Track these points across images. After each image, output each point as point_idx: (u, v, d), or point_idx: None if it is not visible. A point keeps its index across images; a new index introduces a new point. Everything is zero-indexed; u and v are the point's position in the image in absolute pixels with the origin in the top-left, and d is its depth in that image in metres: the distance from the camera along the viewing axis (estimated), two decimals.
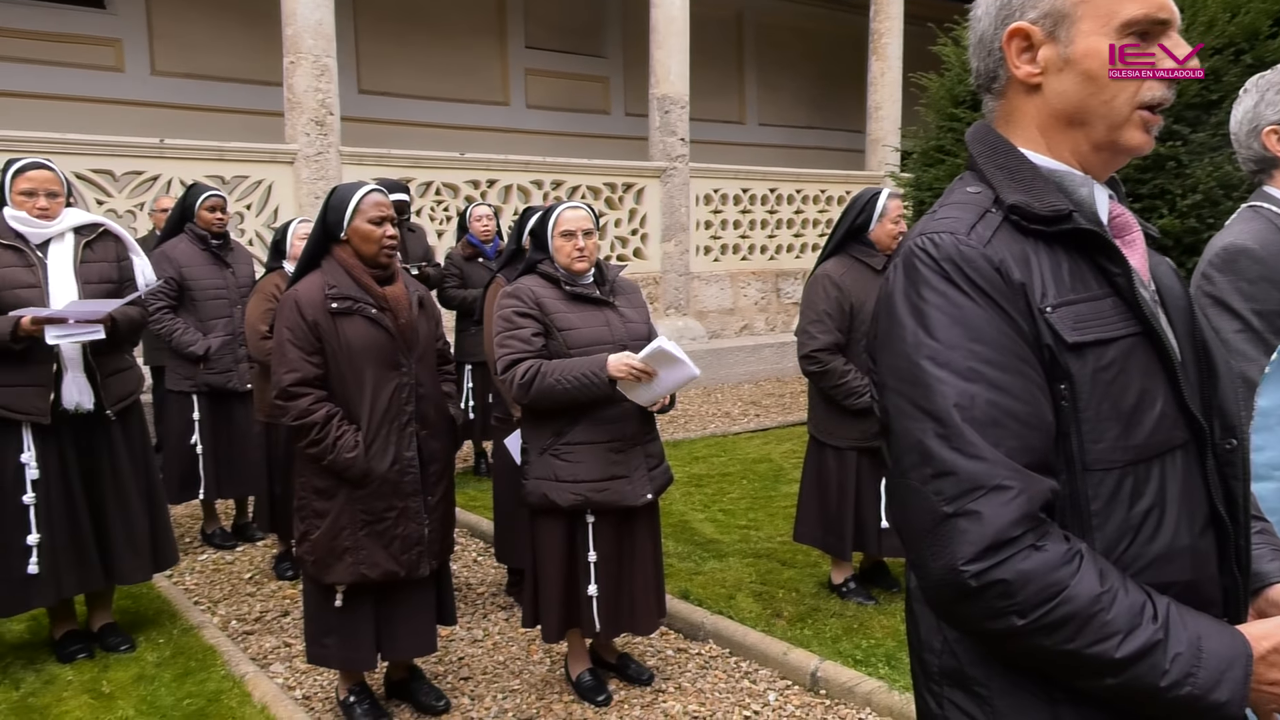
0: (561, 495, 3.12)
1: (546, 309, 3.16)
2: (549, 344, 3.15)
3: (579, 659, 3.43)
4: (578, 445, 3.12)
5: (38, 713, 3.20)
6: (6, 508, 3.34)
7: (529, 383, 3.05)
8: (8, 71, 8.46)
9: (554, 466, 3.13)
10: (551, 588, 3.21)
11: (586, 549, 3.18)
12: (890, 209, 3.87)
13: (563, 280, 3.22)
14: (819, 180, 10.96)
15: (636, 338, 3.26)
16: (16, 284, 3.28)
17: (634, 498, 3.17)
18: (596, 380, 3.02)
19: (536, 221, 3.35)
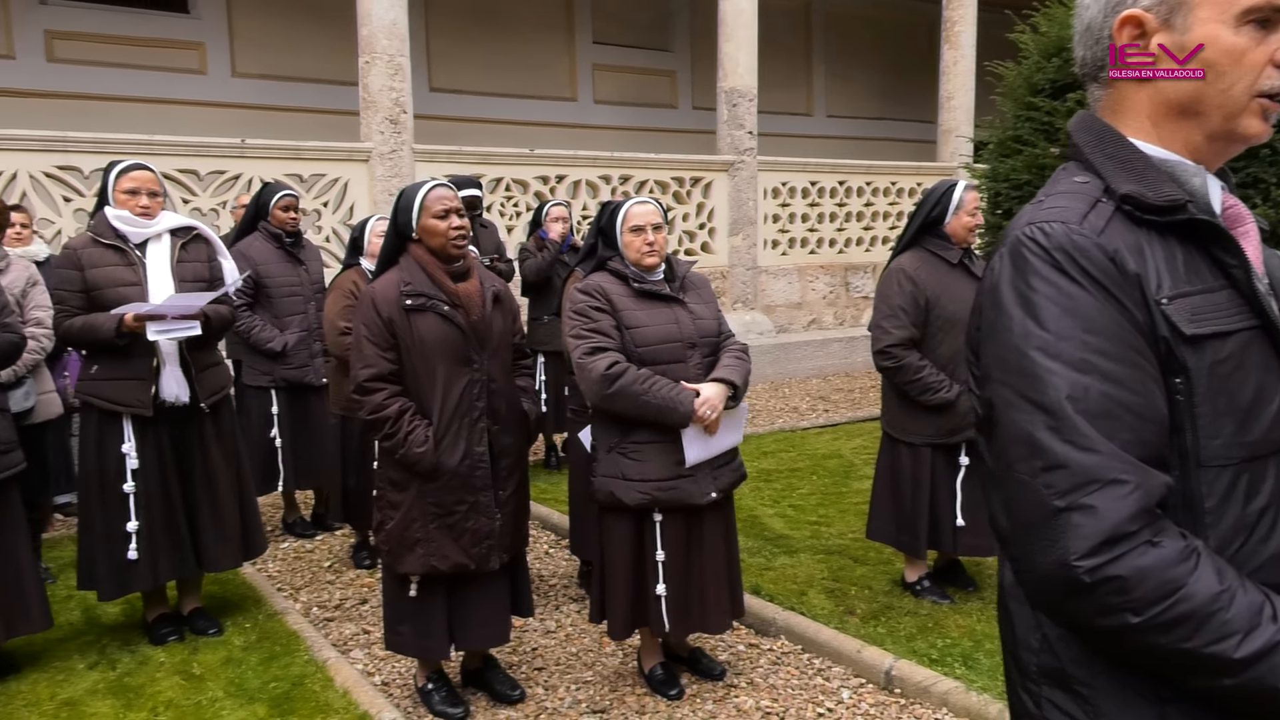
0: (628, 494, 3.11)
1: (615, 305, 3.15)
2: (622, 339, 3.14)
3: (650, 653, 3.44)
4: (645, 444, 3.11)
5: (133, 692, 3.33)
6: (109, 496, 3.49)
7: (614, 377, 3.02)
8: (98, 76, 8.80)
9: (621, 465, 3.13)
10: (619, 585, 3.22)
11: (655, 547, 3.17)
12: (966, 201, 3.79)
13: (631, 277, 3.21)
14: (889, 172, 10.79)
15: (706, 335, 3.24)
16: (119, 282, 3.42)
17: (699, 497, 3.15)
18: (682, 411, 3.02)
19: (605, 218, 3.35)
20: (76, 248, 3.47)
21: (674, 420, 3.03)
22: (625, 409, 3.06)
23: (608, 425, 3.18)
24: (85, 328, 3.39)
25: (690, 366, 3.16)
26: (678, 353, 3.15)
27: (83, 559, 3.61)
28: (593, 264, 4.02)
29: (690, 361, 3.17)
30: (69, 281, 3.43)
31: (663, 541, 3.17)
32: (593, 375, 3.04)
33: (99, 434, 3.51)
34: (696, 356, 3.19)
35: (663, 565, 3.17)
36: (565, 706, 3.32)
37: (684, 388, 3.06)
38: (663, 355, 3.13)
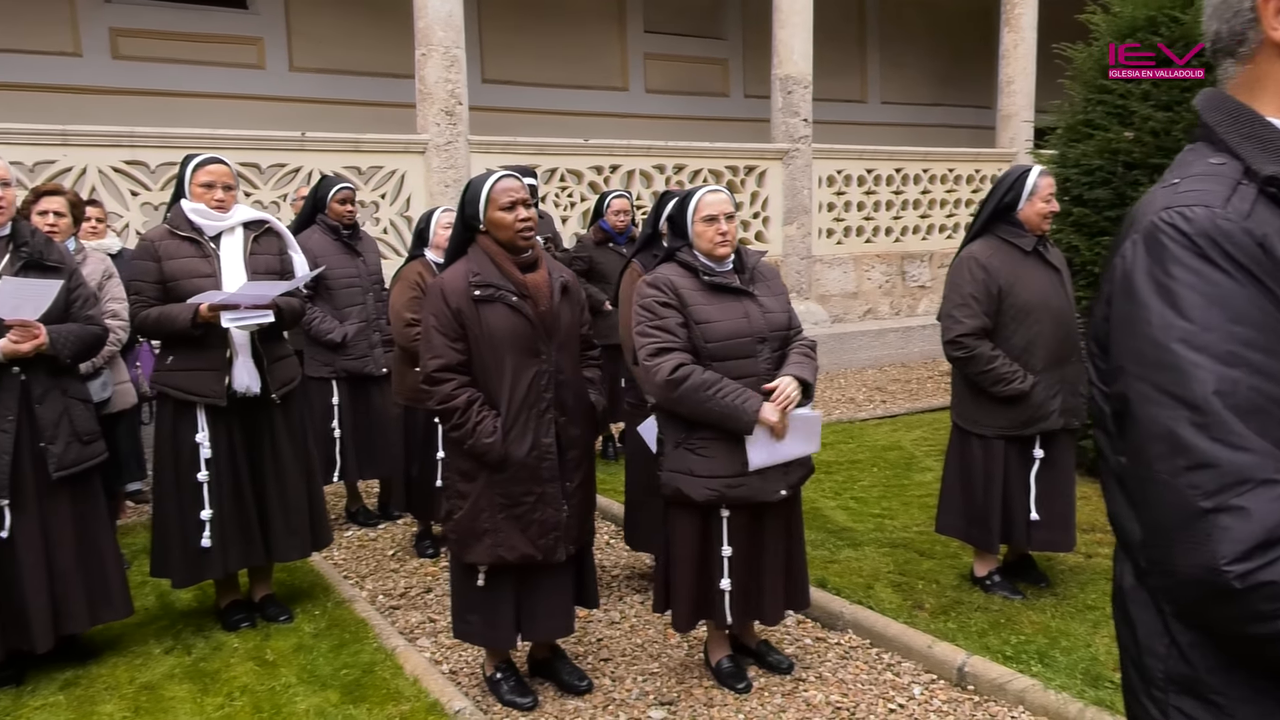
0: (696, 490, 3.08)
1: (684, 300, 3.09)
2: (689, 335, 3.08)
3: (718, 645, 3.42)
4: (713, 440, 3.06)
5: (209, 677, 3.40)
6: (183, 485, 3.56)
7: (679, 380, 2.98)
8: (161, 72, 8.97)
9: (689, 460, 3.09)
10: (683, 578, 3.20)
11: (720, 542, 3.14)
12: (1041, 187, 3.69)
13: (701, 270, 3.14)
14: (947, 159, 10.60)
15: (776, 329, 3.17)
16: (195, 273, 3.48)
17: (767, 494, 3.12)
18: (746, 420, 2.96)
19: (674, 208, 3.27)
20: (154, 239, 3.53)
21: (738, 427, 2.99)
22: (689, 413, 3.03)
23: (674, 420, 3.14)
24: (161, 318, 3.45)
25: (760, 362, 3.10)
26: (747, 348, 3.09)
27: (157, 547, 3.68)
28: (649, 255, 4.01)
29: (760, 357, 3.11)
30: (146, 273, 3.50)
31: (729, 537, 3.14)
32: (657, 378, 3.00)
33: (174, 424, 3.57)
34: (766, 351, 3.13)
35: (728, 560, 3.15)
36: (633, 698, 3.31)
37: (751, 394, 2.99)
38: (732, 351, 3.07)
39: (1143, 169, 4.95)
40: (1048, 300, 3.65)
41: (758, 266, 3.30)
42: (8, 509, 3.17)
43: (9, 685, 3.32)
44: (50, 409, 3.24)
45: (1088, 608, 3.75)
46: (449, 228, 4.54)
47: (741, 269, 3.23)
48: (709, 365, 3.04)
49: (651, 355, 3.04)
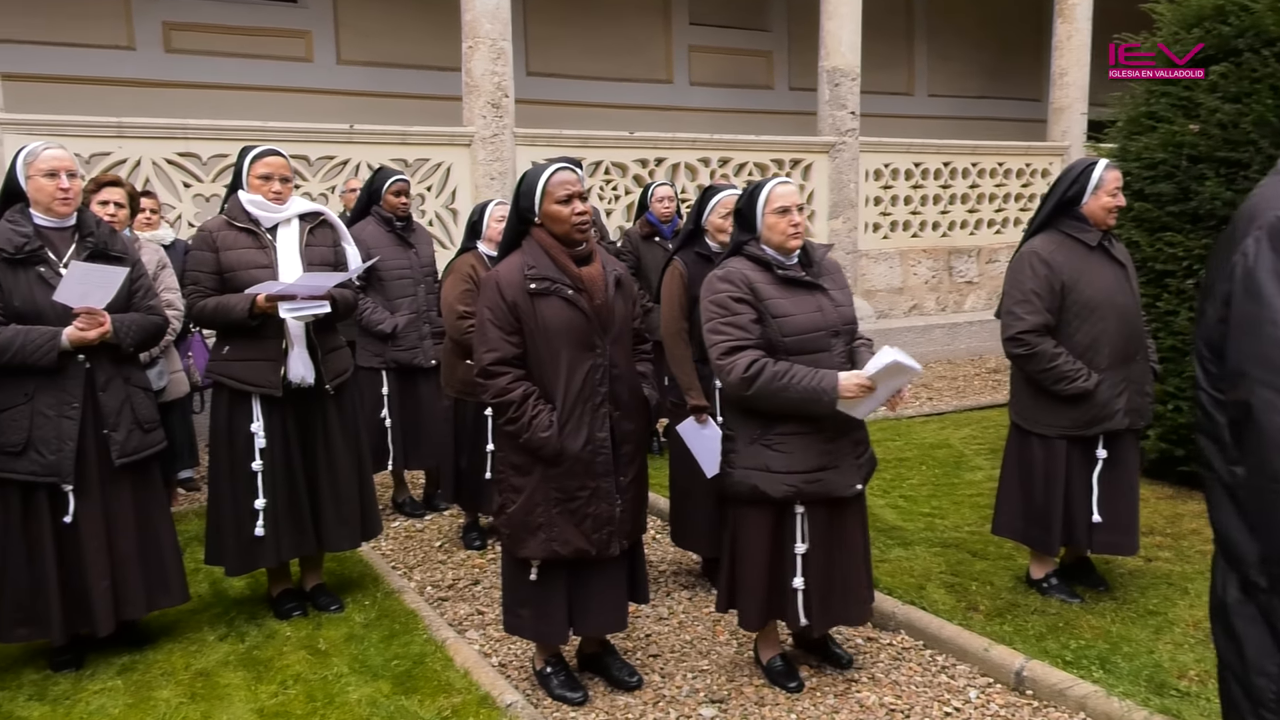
0: (773, 486, 3.03)
1: (759, 294, 3.05)
2: (765, 331, 3.04)
3: (769, 643, 3.39)
4: (790, 435, 3.03)
5: (262, 665, 3.42)
6: (238, 474, 3.59)
7: (753, 378, 2.95)
8: (212, 65, 9.08)
9: (765, 456, 3.05)
10: (754, 577, 3.15)
11: (794, 540, 3.10)
12: (1108, 180, 3.59)
13: (774, 263, 3.09)
14: (996, 153, 10.41)
15: (847, 321, 3.15)
16: (252, 264, 3.51)
17: (843, 488, 3.09)
18: (826, 399, 2.93)
19: (742, 201, 3.22)
20: (212, 230, 3.56)
21: (820, 409, 2.95)
22: (768, 406, 3.00)
23: (748, 416, 3.10)
24: (219, 308, 3.48)
25: (834, 355, 3.08)
26: (822, 341, 3.06)
27: (211, 535, 3.72)
28: (690, 253, 3.97)
29: (834, 350, 3.08)
30: (204, 263, 3.52)
31: (804, 534, 3.09)
32: (732, 377, 2.98)
33: (229, 413, 3.60)
34: (840, 345, 3.11)
35: (802, 558, 3.10)
36: (683, 695, 3.28)
37: (824, 372, 2.96)
38: (809, 345, 3.04)
39: (1208, 163, 4.80)
40: (1113, 297, 3.55)
41: (824, 260, 3.25)
42: (72, 495, 3.22)
43: (68, 669, 3.38)
44: (113, 397, 3.28)
45: (1149, 613, 3.65)
46: (502, 220, 4.53)
47: (809, 262, 3.19)
48: (784, 360, 3.01)
49: (725, 354, 3.01)
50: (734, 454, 3.15)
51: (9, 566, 3.24)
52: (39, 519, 3.22)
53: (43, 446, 3.15)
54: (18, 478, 3.17)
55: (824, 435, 3.06)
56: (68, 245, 3.27)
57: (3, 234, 3.17)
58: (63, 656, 3.39)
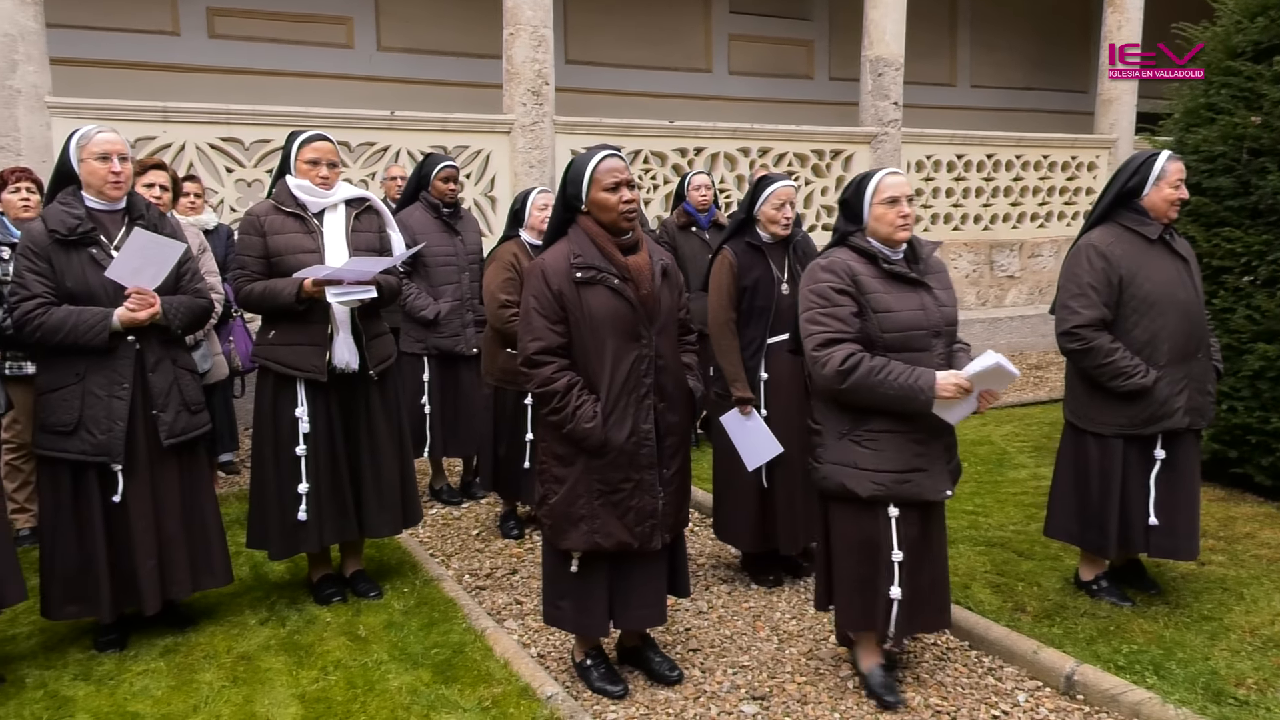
0: (861, 484, 2.94)
1: (862, 287, 2.94)
2: (864, 325, 2.93)
3: (870, 650, 3.20)
4: (881, 433, 2.94)
5: (303, 650, 3.43)
6: (282, 458, 3.60)
7: (848, 371, 2.86)
8: (255, 51, 9.12)
9: (854, 453, 2.96)
10: (848, 574, 3.06)
11: (890, 546, 2.97)
12: (1170, 172, 3.48)
13: (880, 256, 2.98)
14: (1041, 145, 10.20)
15: (949, 323, 3.04)
16: (299, 249, 3.50)
17: (934, 492, 2.98)
18: (923, 398, 2.83)
19: (848, 191, 3.09)
20: (259, 214, 3.56)
21: (915, 408, 2.86)
22: (862, 401, 2.91)
23: (838, 411, 3.00)
24: (266, 292, 3.48)
25: (934, 356, 2.96)
26: (923, 340, 2.95)
27: (254, 519, 3.73)
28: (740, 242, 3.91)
29: (934, 351, 2.97)
30: (251, 247, 3.53)
31: (900, 540, 2.97)
32: (827, 369, 2.89)
33: (274, 397, 3.60)
34: (940, 346, 2.99)
35: (899, 565, 2.97)
36: (724, 691, 3.24)
37: (922, 370, 2.86)
38: (909, 343, 2.93)
39: (1270, 156, 4.65)
40: (1173, 292, 3.45)
41: (930, 258, 3.12)
42: (121, 474, 3.24)
43: (113, 649, 3.40)
44: (162, 378, 3.30)
45: (1204, 618, 3.56)
46: (545, 209, 4.51)
47: (915, 258, 3.07)
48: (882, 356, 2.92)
49: (821, 345, 2.92)
50: (821, 448, 3.05)
51: (59, 545, 3.28)
52: (89, 498, 3.25)
53: (93, 426, 3.17)
54: (69, 457, 3.20)
55: (917, 435, 2.95)
56: (118, 228, 3.28)
57: (56, 216, 3.20)
58: (107, 636, 3.42)
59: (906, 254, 3.05)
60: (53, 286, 3.18)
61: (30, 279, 3.17)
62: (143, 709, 3.04)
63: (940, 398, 2.83)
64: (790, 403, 3.90)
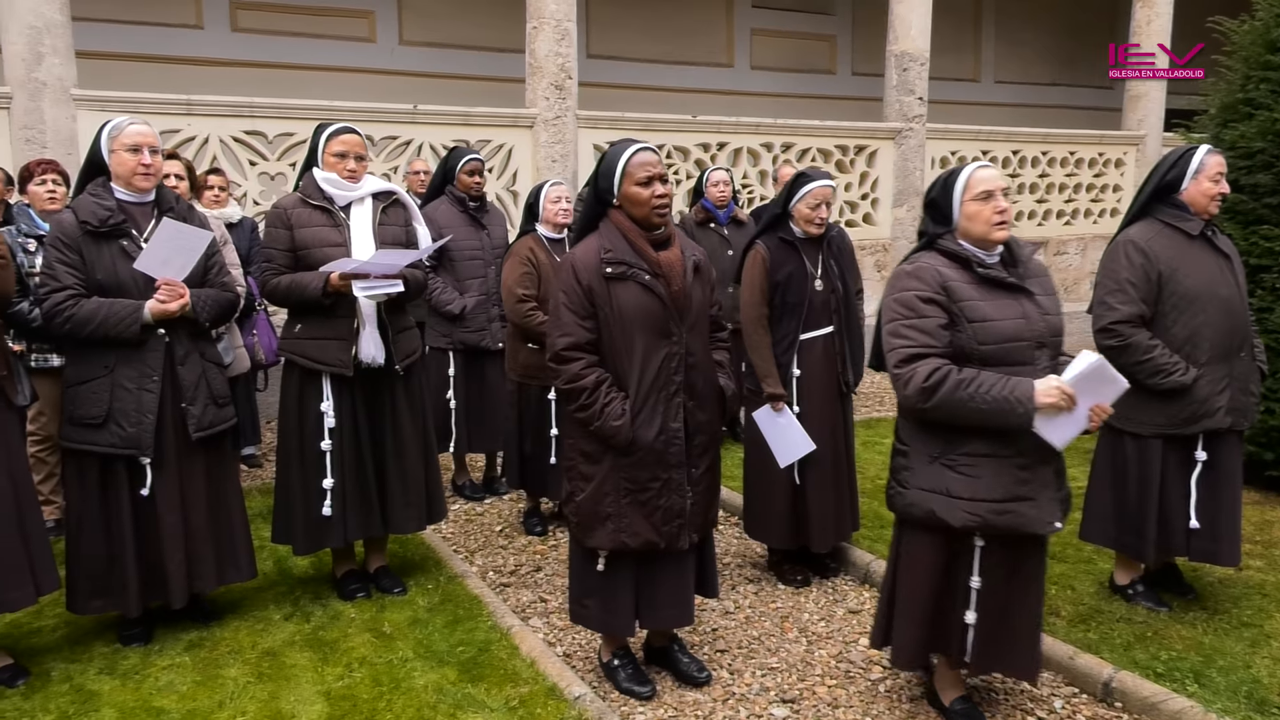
0: (953, 514, 2.65)
1: (954, 295, 2.65)
2: (955, 336, 2.64)
3: (950, 683, 3.02)
4: (980, 457, 2.63)
5: (328, 646, 3.41)
6: (307, 453, 3.57)
7: (933, 388, 2.58)
8: (278, 45, 9.12)
9: (947, 479, 2.67)
10: (916, 608, 2.83)
11: (969, 573, 2.75)
12: (1209, 166, 3.41)
13: (973, 260, 2.69)
14: (1069, 141, 10.08)
15: (1055, 332, 2.73)
16: (326, 242, 3.47)
17: (1039, 524, 2.66)
18: (1021, 411, 2.52)
19: (936, 190, 2.81)
20: (286, 207, 3.53)
21: (1013, 422, 2.54)
22: (956, 418, 2.61)
23: (929, 431, 2.71)
24: (293, 286, 3.46)
25: (1038, 370, 2.63)
26: (1025, 353, 2.64)
27: (279, 514, 3.71)
28: (773, 238, 3.85)
29: (1038, 364, 2.65)
30: (278, 240, 3.50)
31: (982, 568, 2.74)
32: (908, 389, 2.63)
33: (300, 392, 3.58)
34: (1044, 359, 2.68)
35: (976, 592, 2.75)
36: (753, 693, 3.20)
37: (1018, 380, 2.54)
38: (1009, 355, 2.62)
39: None
40: (1215, 288, 3.37)
41: (1031, 260, 2.82)
42: (149, 467, 3.22)
43: (137, 643, 3.39)
44: (191, 371, 3.28)
45: (1243, 624, 3.49)
46: (558, 201, 4.47)
47: (1013, 261, 2.78)
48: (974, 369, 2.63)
49: (903, 362, 2.65)
50: (907, 471, 2.77)
51: (86, 539, 3.27)
52: (117, 492, 3.23)
53: (123, 419, 3.16)
54: (98, 450, 3.19)
55: (1020, 459, 2.64)
56: (148, 220, 3.26)
57: (87, 207, 3.18)
58: (132, 630, 3.40)
59: (1003, 256, 2.76)
60: (83, 278, 3.16)
61: (61, 270, 3.15)
62: (168, 704, 3.02)
63: (1041, 407, 2.52)
64: (823, 399, 3.85)
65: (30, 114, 6.06)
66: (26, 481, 3.14)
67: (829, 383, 3.89)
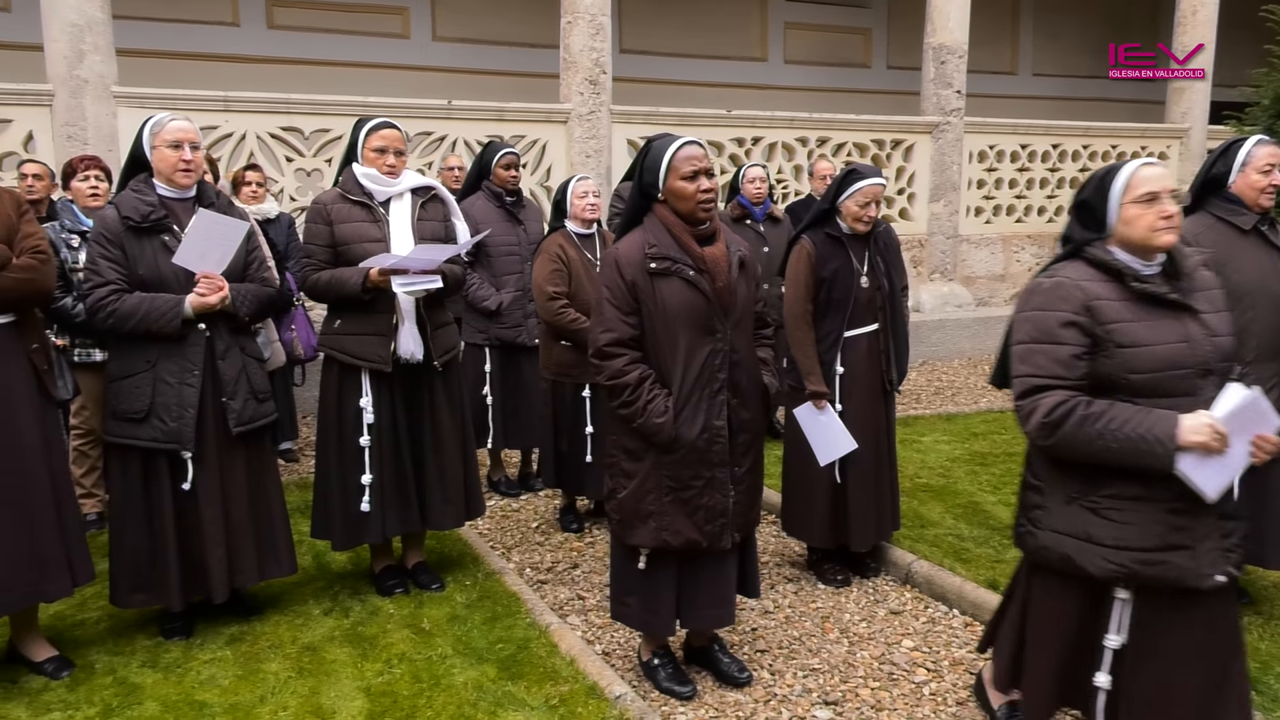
0: (1094, 562, 2.31)
1: (1101, 316, 2.28)
2: (1099, 364, 2.29)
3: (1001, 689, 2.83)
4: (1128, 500, 2.28)
5: (367, 642, 3.40)
6: (346, 449, 3.57)
7: (1055, 424, 2.25)
8: (312, 41, 9.17)
9: (1087, 523, 2.32)
10: (1045, 663, 2.52)
11: (1106, 629, 2.39)
12: (1257, 157, 3.31)
13: (1129, 274, 2.30)
14: (1110, 134, 9.90)
15: (1224, 357, 2.33)
16: (365, 238, 3.47)
17: (1197, 576, 2.27)
18: (1161, 451, 2.17)
19: (1090, 189, 2.40)
20: (326, 203, 3.53)
21: (1154, 464, 2.18)
22: (1085, 457, 2.27)
23: (1066, 467, 2.36)
24: (333, 281, 3.45)
25: (1201, 401, 2.25)
26: (1186, 383, 2.27)
27: (318, 509, 3.72)
28: (819, 233, 3.79)
29: (1202, 396, 2.27)
30: (318, 235, 3.50)
31: (1121, 625, 2.36)
32: (1030, 424, 2.31)
33: (339, 387, 3.58)
34: (1210, 389, 2.28)
35: (1112, 653, 2.38)
36: (795, 694, 3.15)
37: (1160, 415, 2.20)
38: (1166, 385, 2.26)
39: None
40: (1266, 284, 3.27)
41: (1195, 272, 2.43)
42: (191, 462, 3.24)
43: (178, 637, 3.41)
44: (231, 365, 3.29)
45: None
46: (584, 196, 4.44)
47: (1176, 273, 2.37)
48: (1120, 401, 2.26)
49: (1026, 393, 2.32)
50: (1041, 510, 2.44)
51: (128, 533, 3.29)
52: (159, 486, 3.25)
53: (164, 413, 3.17)
54: (140, 444, 3.20)
55: (1177, 504, 2.26)
56: (189, 215, 3.27)
57: (129, 203, 3.20)
58: (173, 623, 3.42)
59: (1165, 267, 2.37)
60: (125, 273, 3.18)
61: (104, 265, 3.17)
62: (210, 698, 3.03)
63: (1187, 447, 2.16)
64: (866, 398, 3.79)
65: (72, 111, 6.13)
66: (65, 474, 3.18)
67: (872, 381, 3.83)
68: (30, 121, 6.14)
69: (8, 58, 7.55)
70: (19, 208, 3.03)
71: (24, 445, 2.98)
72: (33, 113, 6.14)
